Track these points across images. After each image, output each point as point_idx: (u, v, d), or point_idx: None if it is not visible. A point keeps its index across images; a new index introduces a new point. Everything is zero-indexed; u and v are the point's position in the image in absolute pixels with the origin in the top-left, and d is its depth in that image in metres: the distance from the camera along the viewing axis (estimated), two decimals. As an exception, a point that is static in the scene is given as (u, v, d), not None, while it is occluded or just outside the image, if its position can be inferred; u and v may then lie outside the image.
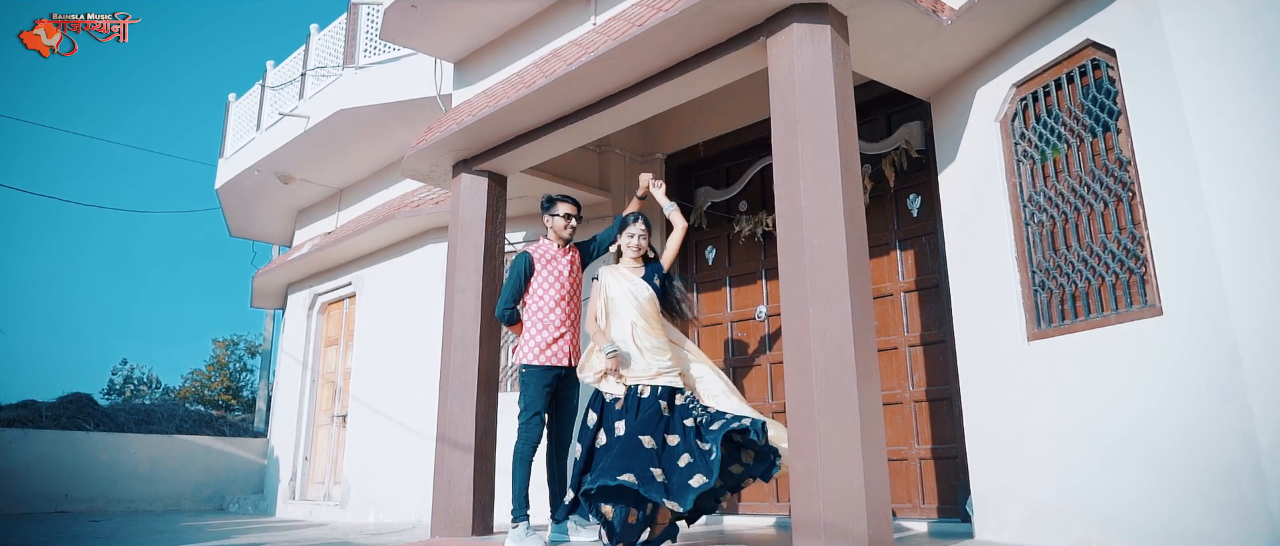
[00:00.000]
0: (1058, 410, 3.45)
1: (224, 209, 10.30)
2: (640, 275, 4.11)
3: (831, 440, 3.10)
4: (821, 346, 3.17)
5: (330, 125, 7.71)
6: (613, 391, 3.87)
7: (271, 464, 9.11)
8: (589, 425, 3.79)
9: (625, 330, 3.96)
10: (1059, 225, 3.59)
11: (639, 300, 3.97)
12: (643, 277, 4.10)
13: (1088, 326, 3.37)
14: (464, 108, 5.26)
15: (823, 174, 3.33)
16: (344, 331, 8.45)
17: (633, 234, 4.17)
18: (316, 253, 8.28)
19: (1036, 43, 3.70)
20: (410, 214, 6.79)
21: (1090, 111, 3.46)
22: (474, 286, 5.12)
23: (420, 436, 6.63)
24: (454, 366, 4.99)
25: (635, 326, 3.96)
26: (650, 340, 3.91)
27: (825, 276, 3.23)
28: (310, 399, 8.71)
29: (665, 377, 3.83)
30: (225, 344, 27.74)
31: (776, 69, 3.56)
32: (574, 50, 4.35)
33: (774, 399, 5.52)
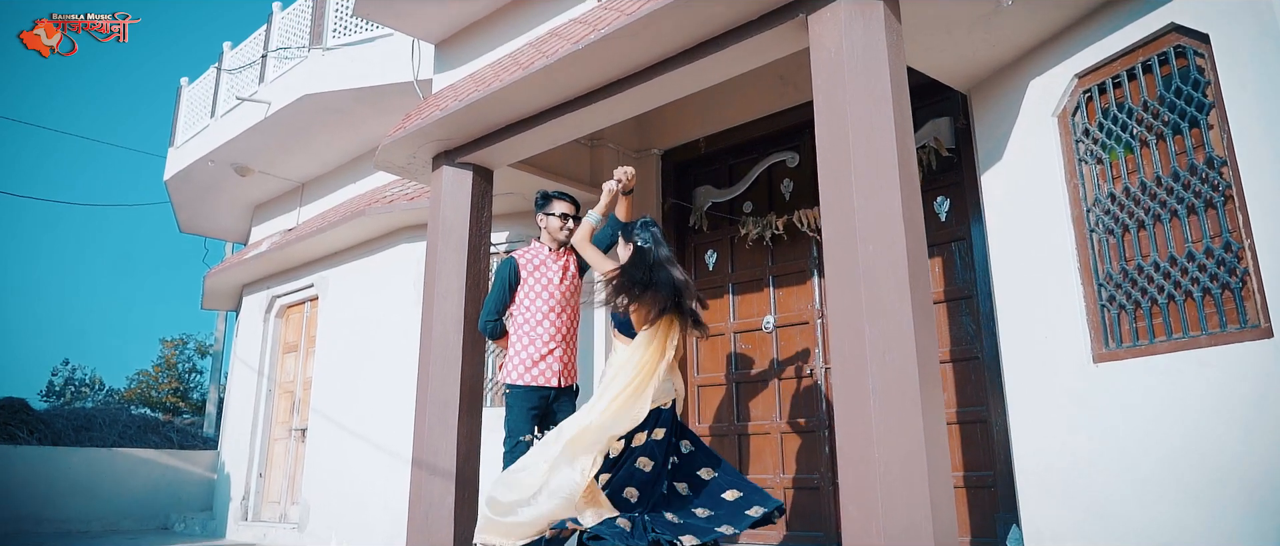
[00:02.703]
0: (1133, 441, 3.05)
1: (173, 202, 9.56)
2: None
3: (893, 476, 2.65)
4: (880, 368, 2.72)
5: (293, 112, 7.08)
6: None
7: (222, 479, 8.41)
8: None
9: None
10: (1133, 232, 3.19)
11: None
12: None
13: (1171, 348, 2.98)
14: (447, 93, 4.73)
15: (878, 170, 2.88)
16: (304, 337, 7.82)
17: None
18: (275, 251, 7.64)
19: (1105, 28, 3.30)
20: (382, 210, 6.22)
21: (1172, 105, 3.07)
22: (456, 292, 4.60)
23: (391, 455, 6.05)
24: (433, 381, 4.46)
25: None
26: None
27: (884, 287, 2.78)
28: (266, 410, 8.05)
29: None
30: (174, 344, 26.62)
31: (821, 50, 3.11)
32: (579, 29, 3.87)
33: (782, 418, 5.08)
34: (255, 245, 8.72)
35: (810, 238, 5.09)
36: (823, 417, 4.86)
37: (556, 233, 3.89)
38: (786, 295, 5.23)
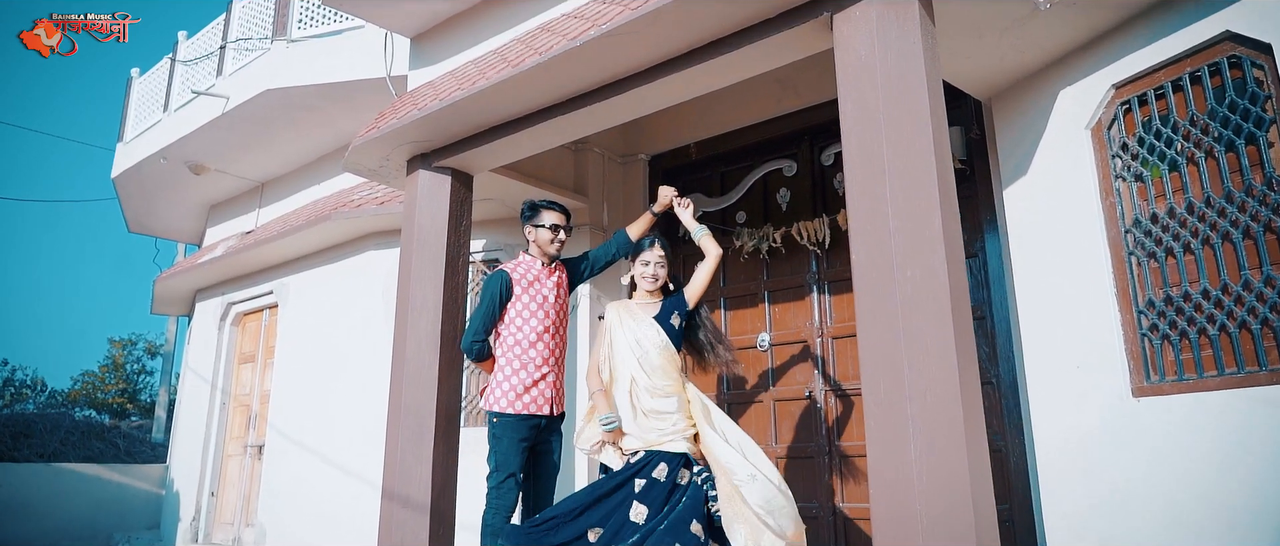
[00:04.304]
0: (1177, 483, 2.81)
1: (122, 200, 9.00)
2: (653, 314, 3.33)
3: (936, 520, 2.38)
4: (922, 411, 2.44)
5: (254, 107, 6.62)
6: (613, 464, 3.17)
7: (170, 497, 7.89)
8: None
9: (624, 385, 3.23)
10: (1178, 257, 2.96)
11: (642, 347, 3.23)
12: (655, 317, 3.32)
13: (1224, 384, 2.74)
14: (425, 90, 4.37)
15: (918, 188, 2.60)
16: (262, 347, 7.35)
17: (647, 261, 3.42)
18: (232, 255, 7.16)
19: (1146, 36, 3.07)
20: (349, 215, 5.81)
21: (1225, 119, 2.84)
22: (432, 307, 4.24)
23: (357, 479, 5.64)
24: (406, 405, 4.09)
25: (635, 382, 3.22)
26: (651, 401, 3.17)
27: (924, 319, 2.50)
28: (219, 424, 7.55)
29: (669, 444, 3.11)
30: (122, 344, 25.57)
31: (849, 52, 2.83)
32: (576, 24, 3.53)
33: (778, 442, 4.80)
34: (210, 248, 8.22)
35: (810, 251, 4.82)
36: (822, 443, 4.59)
37: (547, 246, 3.55)
38: (783, 312, 4.95)
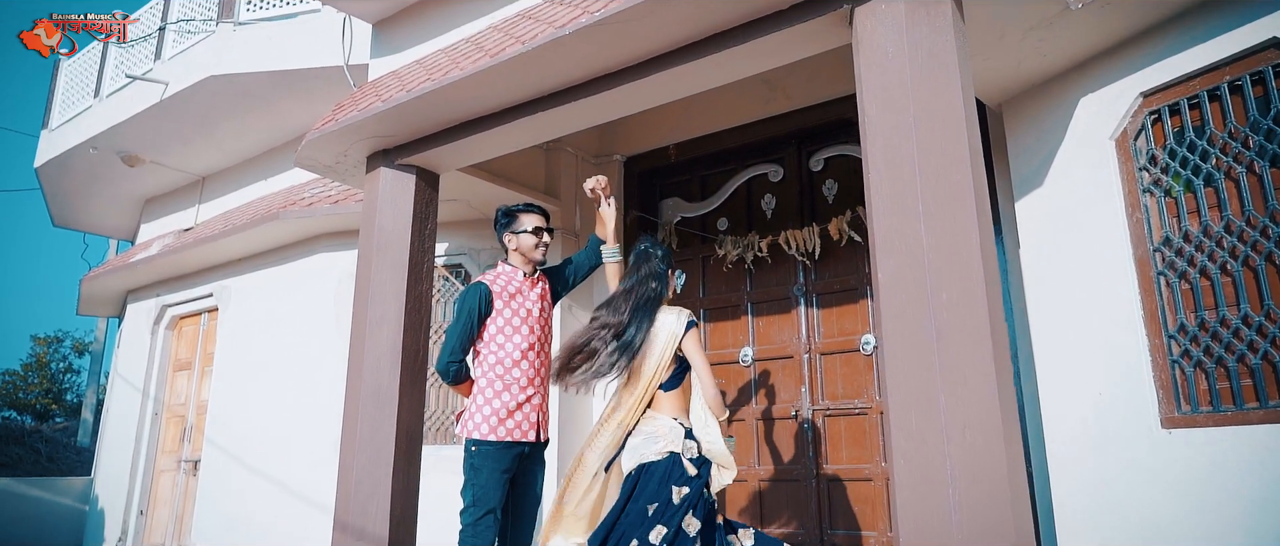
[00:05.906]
0: (1216, 519, 2.60)
1: (46, 192, 8.33)
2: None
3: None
4: (962, 453, 2.18)
5: (196, 95, 6.11)
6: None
7: (94, 515, 7.29)
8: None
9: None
10: (1213, 279, 2.76)
11: None
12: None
13: (1269, 418, 2.54)
14: (389, 81, 3.98)
15: (956, 201, 2.34)
16: (200, 354, 6.82)
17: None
18: (168, 254, 6.63)
19: (1179, 42, 2.86)
20: (299, 214, 5.37)
21: (1270, 132, 2.65)
22: (393, 317, 3.86)
23: (304, 501, 5.20)
24: (363, 426, 3.71)
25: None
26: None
27: (964, 349, 2.23)
28: (151, 436, 6.99)
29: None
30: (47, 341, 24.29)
31: (874, 50, 2.55)
32: (562, 11, 3.20)
33: (761, 463, 4.54)
34: (144, 245, 7.63)
35: (797, 262, 4.57)
36: (810, 465, 4.33)
37: (532, 252, 3.19)
38: (768, 325, 4.69)
